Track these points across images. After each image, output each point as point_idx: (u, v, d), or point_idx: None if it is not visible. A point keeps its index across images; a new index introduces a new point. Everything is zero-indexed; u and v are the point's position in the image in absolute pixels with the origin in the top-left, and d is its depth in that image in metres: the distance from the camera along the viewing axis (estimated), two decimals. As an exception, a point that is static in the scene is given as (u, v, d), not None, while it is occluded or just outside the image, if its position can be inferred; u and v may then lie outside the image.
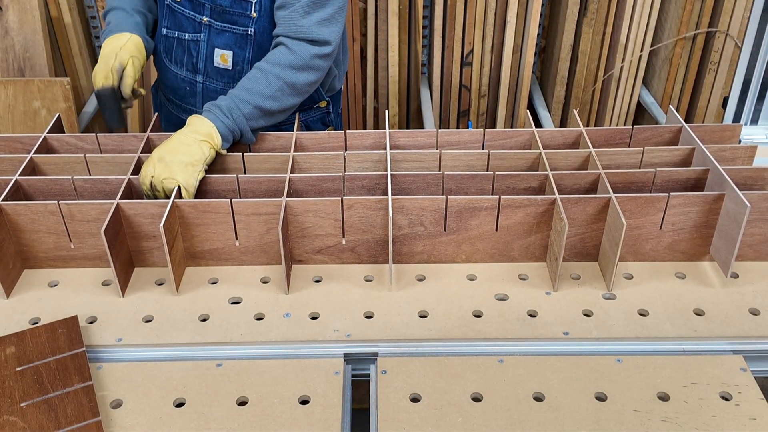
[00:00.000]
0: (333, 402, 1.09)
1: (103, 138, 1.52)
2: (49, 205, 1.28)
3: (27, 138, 1.52)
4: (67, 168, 1.46)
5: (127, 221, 1.30)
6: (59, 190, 1.38)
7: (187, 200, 1.29)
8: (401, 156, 1.44)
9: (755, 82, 2.68)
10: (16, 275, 1.34)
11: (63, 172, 1.46)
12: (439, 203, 1.29)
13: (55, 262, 1.36)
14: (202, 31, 1.56)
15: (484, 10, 2.75)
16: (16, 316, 1.26)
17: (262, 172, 1.45)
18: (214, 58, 1.58)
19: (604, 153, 1.45)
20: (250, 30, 1.52)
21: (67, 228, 1.31)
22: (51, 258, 1.36)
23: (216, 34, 1.55)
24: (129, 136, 1.53)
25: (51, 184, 1.38)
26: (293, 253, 1.36)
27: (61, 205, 1.28)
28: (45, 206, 1.29)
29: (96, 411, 1.06)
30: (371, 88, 2.97)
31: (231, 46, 1.55)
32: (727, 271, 1.29)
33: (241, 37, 1.54)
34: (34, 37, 2.55)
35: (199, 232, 1.32)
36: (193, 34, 1.57)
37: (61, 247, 1.34)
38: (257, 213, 1.30)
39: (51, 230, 1.32)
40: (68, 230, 1.32)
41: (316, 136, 1.52)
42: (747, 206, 1.21)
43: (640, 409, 1.08)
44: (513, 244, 1.35)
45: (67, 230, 1.32)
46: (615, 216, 1.25)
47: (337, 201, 1.29)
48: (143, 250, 1.35)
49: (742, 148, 1.46)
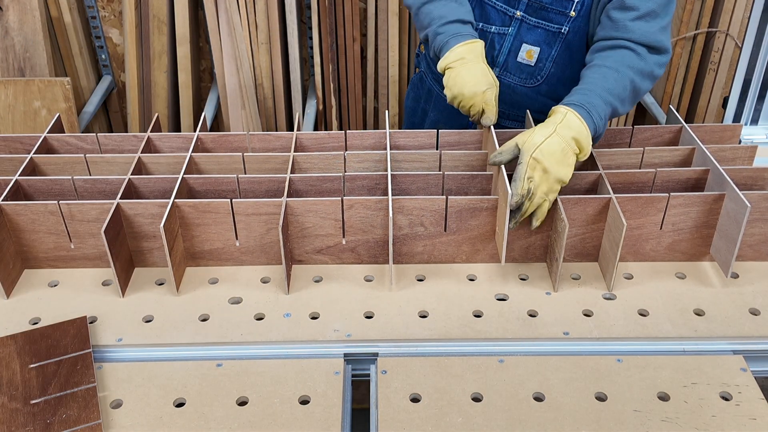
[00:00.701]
0: (333, 402, 1.09)
1: (103, 138, 1.52)
2: (50, 205, 1.28)
3: (27, 138, 1.52)
4: (67, 168, 1.45)
5: (128, 221, 1.30)
6: (59, 190, 1.38)
7: (186, 200, 1.29)
8: (401, 156, 1.44)
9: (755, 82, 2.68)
10: (17, 275, 1.34)
11: (63, 172, 1.45)
12: (440, 203, 1.29)
13: (55, 262, 1.36)
14: (511, 25, 1.55)
15: (484, 10, 2.75)
16: (16, 316, 1.26)
17: (262, 172, 1.45)
18: (519, 53, 1.57)
19: (604, 153, 1.45)
20: (564, 28, 1.51)
21: (67, 228, 1.31)
22: (51, 258, 1.35)
23: (527, 29, 1.55)
24: (129, 136, 1.53)
25: (51, 184, 1.38)
26: (293, 253, 1.36)
27: (61, 205, 1.28)
28: (45, 206, 1.29)
29: (97, 414, 1.06)
30: (371, 88, 2.97)
31: (540, 42, 1.55)
32: (728, 271, 1.29)
33: (552, 34, 1.53)
34: (34, 37, 2.55)
35: (200, 232, 1.32)
36: (501, 28, 1.56)
37: (61, 247, 1.34)
38: (257, 213, 1.30)
39: (51, 230, 1.31)
40: (68, 230, 1.32)
41: (316, 136, 1.52)
42: (747, 206, 1.21)
43: (640, 409, 1.08)
44: (513, 245, 1.35)
45: (67, 230, 1.32)
46: (615, 216, 1.25)
47: (337, 201, 1.29)
48: (143, 250, 1.35)
49: (742, 148, 1.46)
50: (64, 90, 2.52)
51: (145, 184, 1.38)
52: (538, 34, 1.54)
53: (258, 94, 2.82)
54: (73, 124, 2.58)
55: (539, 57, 1.56)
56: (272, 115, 2.89)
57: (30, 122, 2.56)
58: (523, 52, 1.56)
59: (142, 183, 1.38)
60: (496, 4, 1.55)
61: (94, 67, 2.96)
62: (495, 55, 1.60)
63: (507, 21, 1.55)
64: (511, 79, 1.62)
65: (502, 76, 1.62)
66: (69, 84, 2.52)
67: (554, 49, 1.55)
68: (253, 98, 2.79)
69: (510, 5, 1.54)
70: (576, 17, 1.50)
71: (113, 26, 2.90)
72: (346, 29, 2.75)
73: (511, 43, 1.57)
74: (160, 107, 2.91)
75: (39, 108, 2.55)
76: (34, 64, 2.58)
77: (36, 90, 2.52)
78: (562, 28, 1.51)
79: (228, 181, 1.38)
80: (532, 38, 1.55)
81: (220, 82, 2.79)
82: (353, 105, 2.96)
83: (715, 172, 1.35)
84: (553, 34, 1.53)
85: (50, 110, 2.54)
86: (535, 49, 1.56)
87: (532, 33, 1.55)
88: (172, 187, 1.35)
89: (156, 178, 1.37)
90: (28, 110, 2.54)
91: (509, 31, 1.56)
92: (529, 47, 1.56)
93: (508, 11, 1.54)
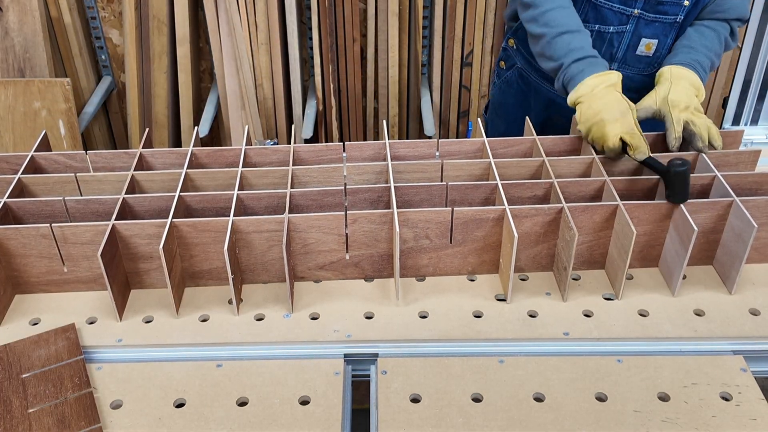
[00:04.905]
0: (333, 402, 1.09)
1: (93, 156, 1.46)
2: (42, 228, 1.22)
3: (12, 157, 1.44)
4: (57, 188, 1.39)
5: (123, 242, 1.25)
6: (50, 212, 1.32)
7: (185, 219, 1.24)
8: (402, 167, 1.41)
9: (755, 82, 2.68)
10: (8, 302, 1.28)
11: (53, 192, 1.39)
12: (445, 215, 1.27)
13: (47, 286, 1.30)
14: (629, 23, 1.59)
15: (484, 10, 2.75)
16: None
17: (260, 187, 1.41)
18: (638, 47, 1.62)
19: (607, 159, 1.43)
20: (680, 17, 1.57)
21: (60, 251, 1.26)
22: (43, 282, 1.30)
23: (645, 24, 1.59)
24: (120, 153, 1.46)
25: (42, 205, 1.31)
26: (295, 270, 1.33)
27: (54, 227, 1.23)
28: (37, 230, 1.23)
29: (96, 418, 1.06)
30: (371, 89, 2.97)
31: (658, 35, 1.60)
32: (732, 288, 1.29)
33: (669, 25, 1.58)
34: (34, 37, 2.55)
35: (198, 251, 1.28)
36: (618, 26, 1.60)
37: (54, 271, 1.28)
38: (258, 230, 1.26)
39: (43, 254, 1.26)
40: (61, 253, 1.26)
41: (313, 149, 1.48)
42: (754, 227, 1.20)
43: (640, 409, 1.08)
44: (520, 254, 1.33)
45: (60, 253, 1.26)
46: (624, 224, 1.23)
47: (340, 216, 1.26)
48: (140, 272, 1.30)
49: (745, 153, 1.45)
50: (64, 90, 2.53)
51: (140, 203, 1.33)
52: (655, 27, 1.59)
53: (258, 95, 2.82)
54: (72, 124, 2.59)
55: (657, 47, 1.62)
56: (272, 115, 2.89)
57: (30, 123, 2.56)
58: (642, 46, 1.62)
59: (137, 202, 1.33)
60: (612, 6, 1.58)
61: (94, 68, 2.96)
62: (613, 53, 1.65)
63: (624, 20, 1.60)
64: (630, 71, 1.67)
65: (622, 69, 1.66)
66: (69, 84, 2.52)
67: (669, 38, 1.61)
68: (253, 99, 2.79)
69: (627, 5, 1.58)
70: (690, 6, 1.56)
71: (113, 27, 2.90)
72: (346, 30, 2.75)
73: (629, 39, 1.62)
74: (160, 108, 2.91)
75: (39, 108, 2.55)
76: (34, 64, 2.58)
77: (36, 91, 2.52)
78: (677, 17, 1.57)
79: (226, 197, 1.33)
80: (650, 32, 1.60)
81: (220, 83, 2.80)
82: (353, 105, 2.96)
83: (719, 180, 1.34)
84: (669, 24, 1.59)
85: (50, 111, 2.54)
86: (654, 42, 1.61)
87: (650, 27, 1.60)
88: (169, 205, 1.30)
89: (151, 197, 1.32)
90: (28, 111, 2.55)
91: (627, 29, 1.60)
92: (648, 40, 1.61)
93: (625, 11, 1.59)
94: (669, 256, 1.30)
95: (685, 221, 1.23)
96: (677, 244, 1.26)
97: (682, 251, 1.24)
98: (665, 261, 1.32)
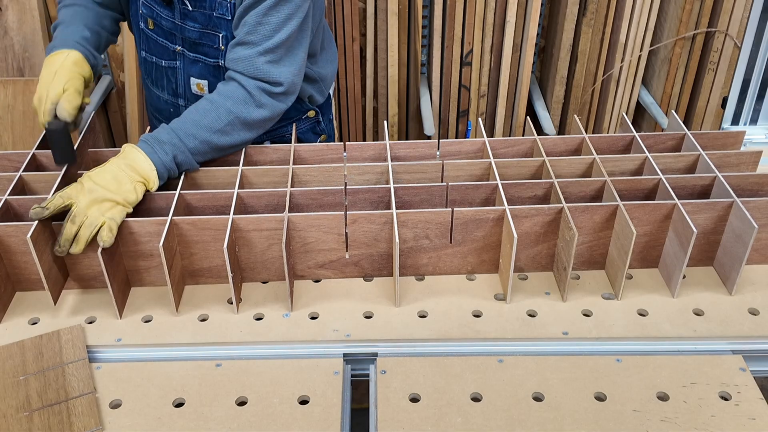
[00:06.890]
0: (332, 402, 1.09)
1: (92, 153, 1.47)
2: None
3: (14, 155, 1.45)
4: None
5: (123, 240, 1.26)
6: None
7: (185, 217, 1.24)
8: (403, 168, 1.41)
9: (754, 82, 2.68)
10: (8, 299, 1.29)
11: None
12: (445, 216, 1.27)
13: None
14: (177, 59, 1.54)
15: (484, 10, 2.75)
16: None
17: (260, 186, 1.41)
18: (191, 85, 1.56)
19: (608, 159, 1.43)
20: (221, 61, 1.49)
21: None
22: None
23: (190, 63, 1.53)
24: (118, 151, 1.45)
25: None
26: (295, 269, 1.33)
27: (54, 225, 1.24)
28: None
29: (98, 420, 1.06)
30: (370, 88, 2.97)
31: (205, 75, 1.53)
32: (732, 289, 1.29)
33: (213, 67, 1.52)
34: (33, 37, 2.55)
35: (198, 249, 1.28)
36: (169, 62, 1.56)
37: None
38: (258, 229, 1.26)
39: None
40: None
41: (314, 148, 1.49)
42: (755, 227, 1.20)
43: (639, 409, 1.08)
44: (520, 254, 1.33)
45: None
46: (624, 225, 1.23)
47: (340, 216, 1.26)
48: (140, 270, 1.30)
49: (746, 154, 1.45)
50: (63, 90, 2.52)
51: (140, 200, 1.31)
52: (201, 67, 1.53)
53: (257, 94, 2.82)
54: (72, 123, 2.58)
55: (210, 89, 1.54)
56: (271, 114, 2.89)
57: (29, 122, 2.56)
58: (194, 86, 1.55)
59: None
60: (158, 39, 1.54)
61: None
62: (174, 88, 1.59)
63: (172, 55, 1.54)
64: None
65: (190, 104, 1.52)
66: (68, 84, 2.52)
67: (220, 80, 1.52)
68: (252, 98, 2.79)
69: (169, 41, 1.53)
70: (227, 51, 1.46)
71: (112, 26, 2.89)
72: (345, 29, 2.75)
73: (183, 77, 1.56)
74: (160, 107, 2.91)
75: (38, 108, 2.55)
76: (34, 63, 2.58)
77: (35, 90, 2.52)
78: (219, 61, 1.50)
79: (226, 196, 1.34)
80: (197, 71, 1.54)
81: (219, 82, 2.79)
82: (352, 105, 2.96)
83: (720, 181, 1.34)
84: (214, 67, 1.51)
85: (49, 110, 2.54)
86: (204, 82, 1.54)
87: (196, 67, 1.53)
88: (169, 203, 1.31)
89: (151, 195, 1.32)
90: (28, 110, 2.54)
91: (178, 65, 1.55)
92: (197, 80, 1.55)
93: (169, 46, 1.53)
94: (668, 258, 1.31)
95: (684, 223, 1.23)
96: (676, 246, 1.26)
97: (681, 253, 1.24)
98: (665, 262, 1.32)
